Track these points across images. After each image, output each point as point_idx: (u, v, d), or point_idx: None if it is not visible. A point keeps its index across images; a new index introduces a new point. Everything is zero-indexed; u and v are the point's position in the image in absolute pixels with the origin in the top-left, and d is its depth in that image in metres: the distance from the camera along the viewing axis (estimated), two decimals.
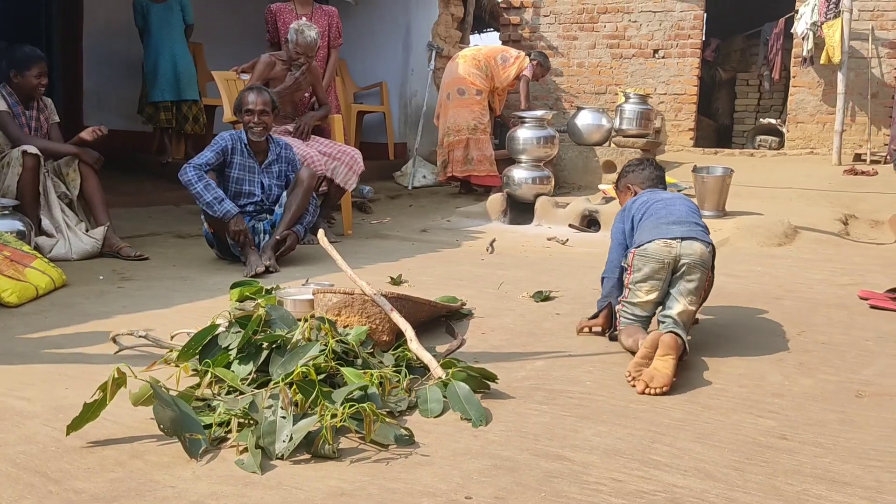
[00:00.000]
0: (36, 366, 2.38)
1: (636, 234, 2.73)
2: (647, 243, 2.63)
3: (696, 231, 2.69)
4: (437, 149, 7.04)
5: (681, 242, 2.61)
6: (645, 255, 2.63)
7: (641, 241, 2.66)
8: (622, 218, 2.89)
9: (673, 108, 9.59)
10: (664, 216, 2.70)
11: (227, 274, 3.84)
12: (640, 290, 2.63)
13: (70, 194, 4.24)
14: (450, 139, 6.78)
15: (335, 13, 5.71)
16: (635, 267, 2.65)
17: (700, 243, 2.65)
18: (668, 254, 2.60)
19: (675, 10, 9.41)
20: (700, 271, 2.62)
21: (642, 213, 2.78)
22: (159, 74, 6.49)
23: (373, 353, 2.40)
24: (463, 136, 6.72)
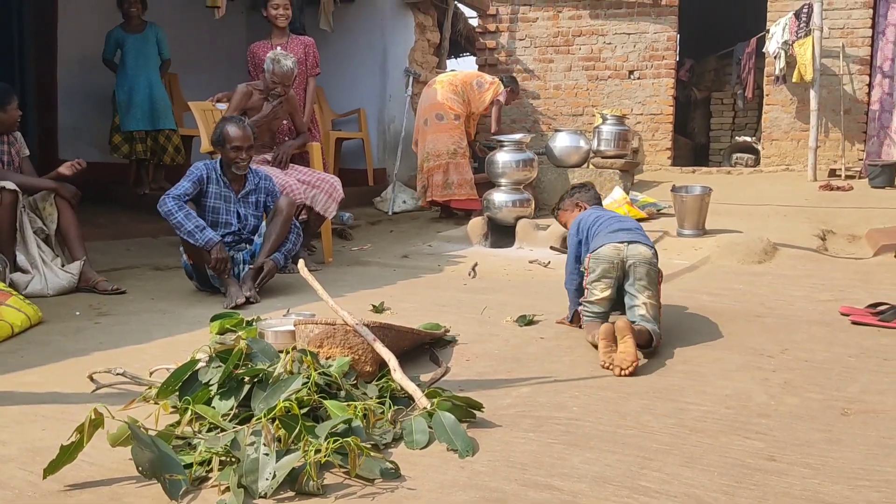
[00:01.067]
0: (11, 407, 2.32)
1: (591, 243, 3.16)
2: (600, 248, 3.08)
3: (639, 236, 3.15)
4: (417, 174, 7.05)
5: (627, 245, 3.06)
6: (598, 257, 3.06)
7: (595, 246, 3.11)
8: (577, 232, 3.30)
9: (650, 128, 9.68)
10: (615, 227, 3.17)
11: (206, 306, 3.79)
12: (596, 289, 3.05)
13: (47, 229, 4.18)
14: (429, 164, 6.79)
15: (312, 43, 5.72)
16: (591, 269, 3.08)
17: (644, 246, 3.09)
18: (616, 255, 3.04)
19: (649, 32, 9.53)
20: (646, 267, 3.03)
21: (597, 227, 3.21)
22: (134, 104, 6.44)
23: (356, 385, 2.36)
24: (443, 160, 6.73)
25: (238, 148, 4.13)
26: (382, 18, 8.13)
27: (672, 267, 4.78)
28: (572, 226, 3.38)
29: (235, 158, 4.15)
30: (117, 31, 6.50)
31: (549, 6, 9.87)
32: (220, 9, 6.52)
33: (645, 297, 2.98)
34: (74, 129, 7.26)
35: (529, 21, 10.00)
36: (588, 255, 3.12)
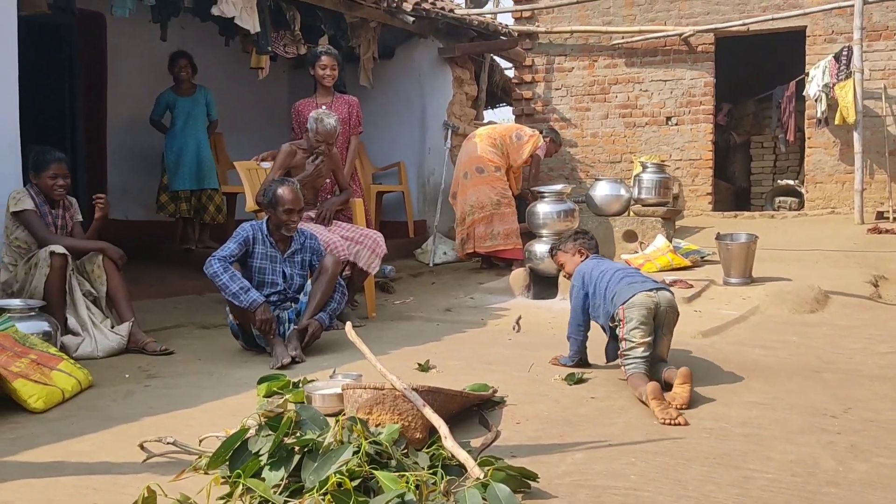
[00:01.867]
0: (62, 478, 2.32)
1: (614, 296, 3.29)
2: (632, 297, 3.22)
3: (661, 285, 3.41)
4: (457, 227, 7.05)
5: (657, 292, 3.27)
6: (633, 305, 3.20)
7: (625, 297, 3.23)
8: (582, 285, 3.48)
9: (689, 174, 9.60)
10: (634, 277, 3.37)
11: (253, 366, 3.80)
12: (636, 336, 3.16)
13: (96, 291, 4.24)
14: (473, 217, 6.77)
15: (356, 102, 5.81)
16: (627, 318, 3.20)
17: (668, 292, 3.36)
18: (651, 302, 3.22)
19: (686, 78, 9.52)
20: (674, 314, 3.31)
21: (607, 280, 3.37)
22: (182, 164, 6.59)
23: (406, 453, 2.32)
24: (487, 211, 6.72)
25: (290, 211, 4.17)
26: (420, 73, 8.26)
27: (720, 318, 4.68)
28: (576, 277, 3.55)
29: (287, 221, 4.19)
30: (168, 94, 6.68)
31: (585, 56, 9.93)
32: (264, 70, 6.68)
33: (666, 339, 3.30)
34: (123, 189, 7.43)
35: (565, 71, 10.06)
36: (620, 306, 3.23)
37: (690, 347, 3.95)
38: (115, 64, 7.35)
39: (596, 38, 9.81)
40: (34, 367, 3.20)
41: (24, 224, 4.18)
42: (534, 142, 6.98)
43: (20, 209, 4.16)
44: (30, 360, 3.23)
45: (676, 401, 2.88)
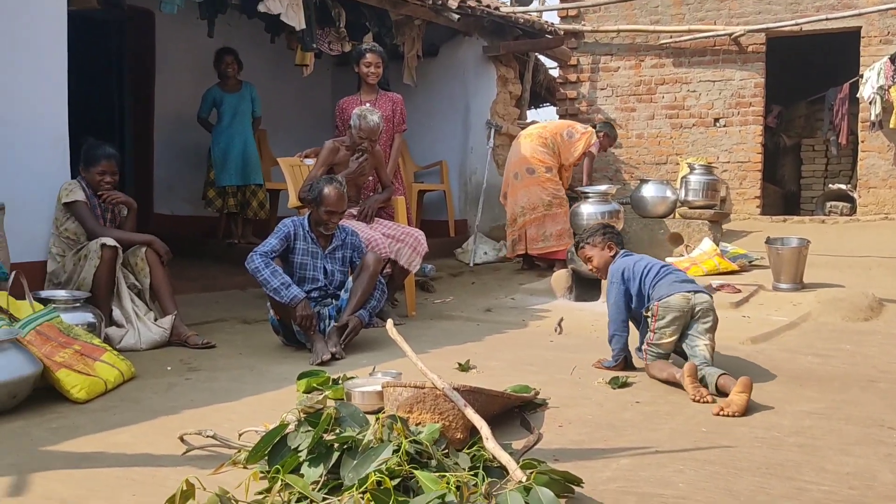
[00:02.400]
0: (103, 470, 2.32)
1: (653, 291, 3.39)
2: (669, 297, 3.34)
3: (700, 287, 3.49)
4: (507, 227, 6.94)
5: (694, 294, 3.36)
6: (668, 306, 3.33)
7: (661, 295, 3.35)
8: (622, 280, 3.50)
9: (737, 177, 9.41)
10: (676, 276, 3.46)
11: (293, 362, 3.79)
12: (665, 335, 3.33)
13: (139, 284, 4.28)
14: (525, 218, 6.68)
15: (400, 100, 5.78)
16: (660, 315, 3.33)
17: (706, 295, 3.44)
18: (686, 304, 3.33)
19: (735, 79, 9.33)
20: (712, 314, 3.37)
21: (654, 273, 3.45)
22: (229, 160, 6.64)
23: (447, 454, 2.27)
24: (539, 212, 6.61)
25: (331, 212, 4.16)
26: (465, 72, 8.21)
27: (770, 324, 4.55)
28: (615, 273, 3.54)
29: (327, 221, 4.18)
30: (215, 91, 6.73)
31: (631, 55, 9.79)
32: (309, 67, 6.69)
33: (707, 339, 3.32)
34: (168, 185, 7.52)
35: (611, 70, 9.93)
36: (656, 302, 3.34)
37: (739, 353, 3.84)
38: (163, 60, 7.45)
39: (643, 38, 9.67)
40: (78, 358, 3.22)
41: (74, 215, 4.24)
42: (586, 139, 6.83)
43: (71, 200, 4.22)
44: (73, 350, 3.25)
45: (731, 407, 2.82)
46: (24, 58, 4.23)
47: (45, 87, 4.33)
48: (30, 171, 4.22)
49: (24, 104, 4.24)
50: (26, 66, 4.23)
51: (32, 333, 3.17)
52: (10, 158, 4.17)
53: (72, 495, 2.11)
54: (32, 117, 4.25)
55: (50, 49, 4.33)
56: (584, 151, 6.84)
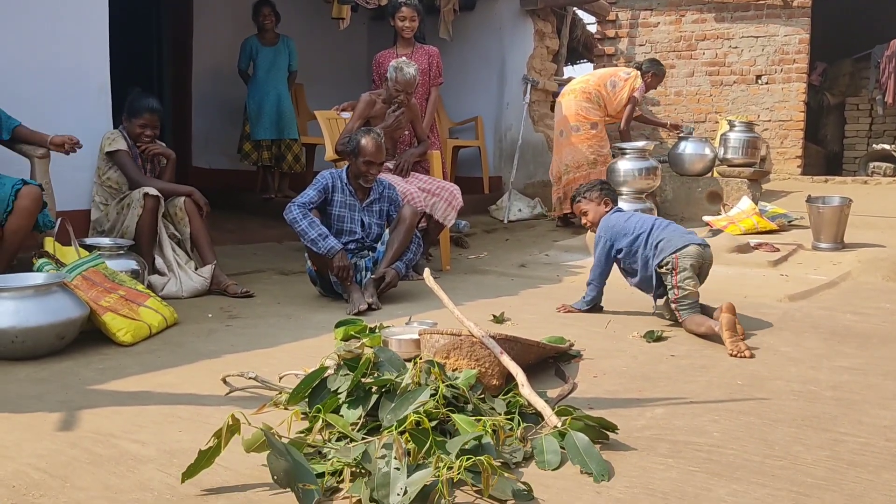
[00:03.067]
0: (150, 407, 2.40)
1: (660, 242, 3.47)
2: (685, 247, 3.43)
3: (705, 241, 3.56)
4: (554, 185, 6.88)
5: (704, 248, 3.48)
6: (687, 256, 3.41)
7: (677, 246, 3.43)
8: (610, 237, 3.64)
9: (778, 136, 9.22)
10: (681, 230, 3.57)
11: (330, 311, 3.84)
12: (689, 284, 3.37)
13: (180, 234, 4.35)
14: (569, 176, 6.62)
15: (436, 52, 5.74)
16: (681, 266, 3.39)
17: (710, 249, 3.54)
18: (701, 255, 3.44)
19: (779, 35, 9.09)
20: (709, 269, 3.54)
21: (648, 228, 3.55)
22: (263, 114, 6.67)
23: (483, 399, 2.31)
24: (583, 171, 6.54)
25: (370, 163, 4.17)
26: (501, 26, 8.10)
27: (809, 283, 4.50)
28: (603, 229, 3.67)
29: (366, 172, 4.19)
30: (253, 41, 6.74)
31: (672, 10, 9.58)
32: (345, 20, 6.67)
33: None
34: (206, 138, 7.59)
35: (650, 26, 9.74)
36: (674, 254, 3.41)
37: (776, 311, 3.82)
38: (201, 12, 7.46)
39: None
40: (123, 303, 3.31)
41: (117, 164, 4.31)
42: (630, 84, 6.68)
43: (114, 149, 4.28)
44: (118, 295, 3.34)
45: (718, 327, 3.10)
46: (67, 9, 4.27)
47: (87, 38, 4.38)
48: (73, 119, 4.28)
49: (67, 54, 4.30)
50: (69, 17, 4.28)
51: (79, 278, 3.26)
52: (54, 107, 4.24)
53: (120, 430, 2.19)
54: (75, 67, 4.31)
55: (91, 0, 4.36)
56: (629, 97, 6.69)
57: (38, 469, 1.92)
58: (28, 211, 3.47)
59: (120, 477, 1.89)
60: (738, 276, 4.78)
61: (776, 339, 3.27)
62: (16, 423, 2.25)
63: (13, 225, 3.43)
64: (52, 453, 2.03)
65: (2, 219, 3.41)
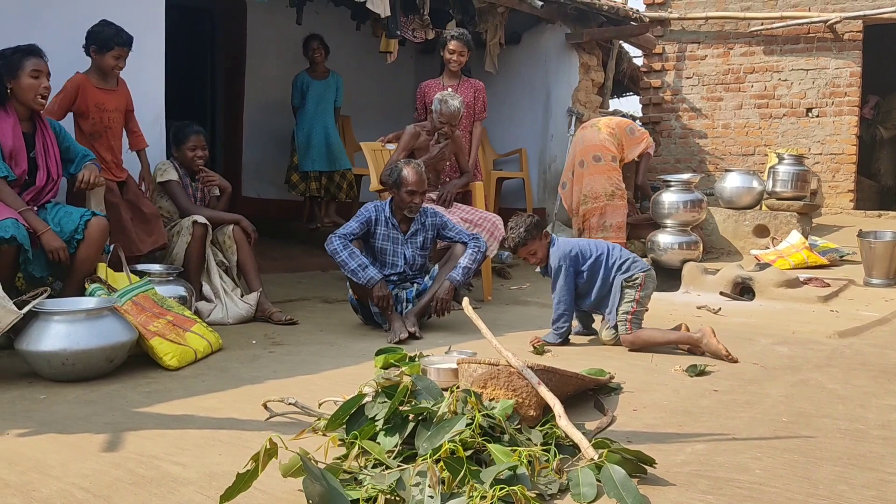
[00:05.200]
0: (192, 431, 2.45)
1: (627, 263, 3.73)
2: (649, 270, 3.78)
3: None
4: (573, 217, 6.88)
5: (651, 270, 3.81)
6: (651, 278, 3.76)
7: (644, 267, 3.75)
8: (572, 265, 3.75)
9: (830, 169, 9.06)
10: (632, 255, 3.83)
11: (371, 340, 3.88)
12: (645, 303, 3.75)
13: (227, 261, 4.45)
14: (587, 206, 6.61)
15: (482, 87, 5.81)
16: (645, 286, 3.72)
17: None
18: (655, 280, 3.83)
19: (830, 68, 8.97)
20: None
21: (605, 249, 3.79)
22: (312, 146, 6.81)
23: (520, 429, 2.30)
24: (601, 202, 6.52)
25: (413, 192, 4.22)
26: (546, 59, 8.15)
27: (860, 319, 4.39)
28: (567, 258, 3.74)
29: (410, 202, 4.24)
30: (303, 76, 6.90)
31: (720, 43, 9.53)
32: (393, 54, 6.79)
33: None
34: (256, 168, 7.77)
35: (698, 59, 9.70)
36: (642, 273, 3.70)
37: (825, 347, 3.73)
38: (253, 47, 7.68)
39: (732, 25, 9.40)
40: (170, 328, 3.39)
41: (168, 194, 4.44)
42: (647, 140, 6.74)
43: (166, 179, 4.42)
44: (167, 321, 3.42)
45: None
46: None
47: (145, 71, 4.55)
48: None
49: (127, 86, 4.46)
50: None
51: (129, 303, 3.35)
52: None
53: (162, 452, 2.23)
54: (135, 99, 4.46)
55: (149, 34, 4.54)
56: (644, 151, 6.72)
57: (81, 489, 1.97)
58: (97, 241, 3.58)
59: (160, 498, 1.93)
60: (787, 310, 4.69)
61: (824, 375, 3.19)
62: (62, 443, 2.32)
63: (83, 254, 3.55)
64: (96, 473, 2.08)
65: (73, 247, 3.52)
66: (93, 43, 4.12)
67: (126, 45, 4.14)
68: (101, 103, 4.17)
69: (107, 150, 4.22)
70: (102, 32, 4.09)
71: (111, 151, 4.25)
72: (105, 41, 4.09)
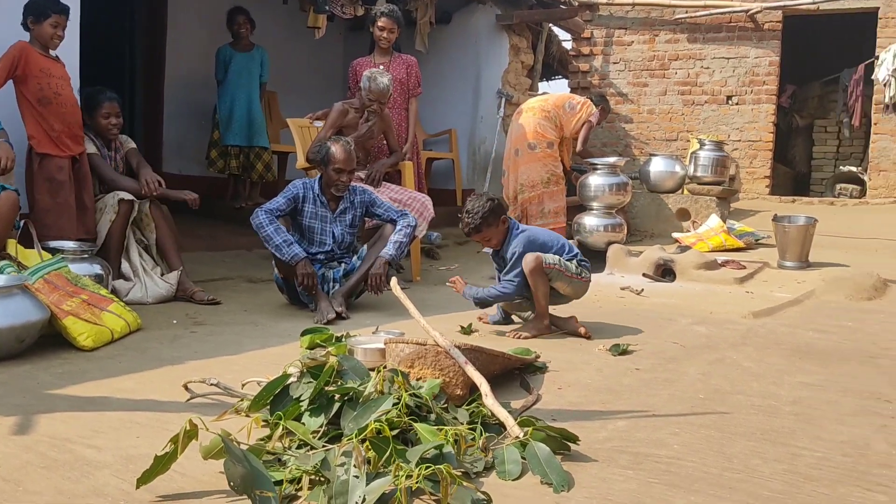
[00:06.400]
0: (108, 413, 2.36)
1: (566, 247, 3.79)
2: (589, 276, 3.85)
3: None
4: (511, 206, 6.89)
5: None
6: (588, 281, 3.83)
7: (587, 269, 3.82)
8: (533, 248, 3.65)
9: (748, 155, 9.37)
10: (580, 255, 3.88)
11: (297, 320, 3.82)
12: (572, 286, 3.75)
13: (146, 239, 4.31)
14: (524, 196, 6.60)
15: (414, 62, 5.75)
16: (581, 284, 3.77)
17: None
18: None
19: (750, 57, 9.25)
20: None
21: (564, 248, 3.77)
22: (234, 120, 6.60)
23: (446, 409, 2.31)
24: (538, 190, 6.52)
25: (340, 170, 4.15)
26: (477, 40, 8.14)
27: (774, 300, 4.56)
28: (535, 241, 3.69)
29: (337, 181, 4.18)
30: (226, 49, 6.68)
31: (646, 30, 9.71)
32: (321, 29, 6.66)
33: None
34: (178, 144, 7.52)
35: (624, 44, 9.86)
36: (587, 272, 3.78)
37: (740, 327, 3.86)
38: (175, 18, 7.40)
39: (658, 12, 9.58)
40: (85, 307, 3.26)
41: (91, 168, 4.26)
42: (586, 109, 6.73)
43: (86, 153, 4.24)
44: (81, 300, 3.29)
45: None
46: None
47: None
48: None
49: None
50: None
51: (40, 281, 3.21)
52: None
53: (76, 435, 2.15)
54: None
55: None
56: (585, 121, 6.72)
57: None
58: (6, 217, 3.42)
59: (74, 482, 1.86)
60: (705, 292, 4.84)
61: (739, 354, 3.30)
62: None
63: None
64: (5, 457, 1.99)
65: None
66: (29, 14, 3.98)
67: (63, 12, 4.01)
68: (46, 68, 3.98)
69: (57, 118, 3.99)
70: (37, 1, 3.94)
71: (62, 120, 4.02)
72: (41, 9, 3.96)
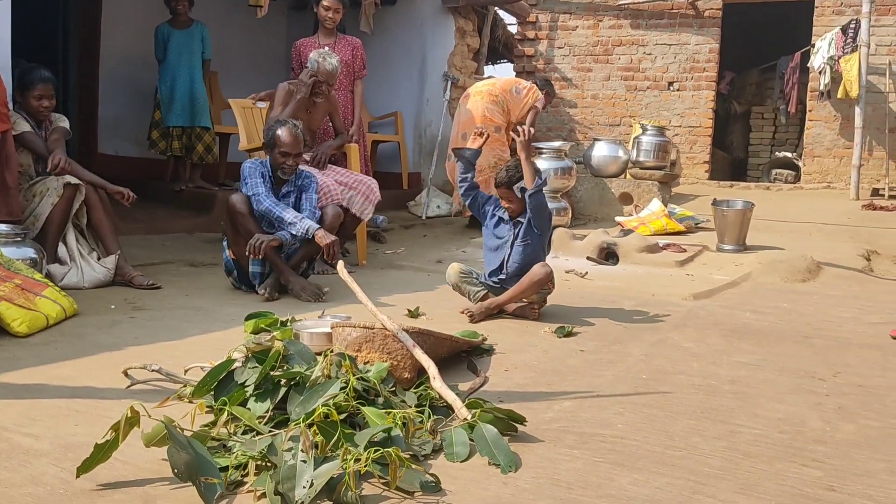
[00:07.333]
0: (44, 400, 2.29)
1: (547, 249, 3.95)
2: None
3: None
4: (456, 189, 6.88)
5: None
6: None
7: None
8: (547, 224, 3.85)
9: (688, 141, 9.55)
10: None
11: (241, 304, 3.76)
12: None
13: (80, 223, 4.18)
14: None
15: (360, 44, 5.68)
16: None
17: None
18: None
19: (691, 44, 9.41)
20: None
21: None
22: (175, 99, 6.41)
23: (394, 392, 2.30)
24: (485, 175, 6.52)
25: (286, 154, 4.09)
26: (422, 22, 8.10)
27: (712, 282, 4.67)
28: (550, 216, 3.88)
29: (283, 164, 4.11)
30: (164, 27, 6.47)
31: (590, 15, 9.79)
32: (263, 8, 6.52)
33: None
34: (114, 124, 7.30)
35: (569, 29, 9.92)
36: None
37: (681, 308, 3.94)
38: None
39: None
40: (18, 292, 3.15)
41: (26, 147, 4.10)
42: (533, 94, 6.76)
43: (19, 131, 4.08)
44: (14, 284, 3.18)
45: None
46: None
47: None
48: None
49: None
50: None
51: None
52: None
53: (11, 423, 2.08)
54: None
55: None
56: (531, 106, 6.75)
57: None
58: None
59: (11, 471, 1.80)
60: (647, 274, 4.93)
61: (680, 335, 3.38)
62: None
63: None
64: None
65: None
66: None
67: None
68: None
69: None
70: None
71: None
72: None
